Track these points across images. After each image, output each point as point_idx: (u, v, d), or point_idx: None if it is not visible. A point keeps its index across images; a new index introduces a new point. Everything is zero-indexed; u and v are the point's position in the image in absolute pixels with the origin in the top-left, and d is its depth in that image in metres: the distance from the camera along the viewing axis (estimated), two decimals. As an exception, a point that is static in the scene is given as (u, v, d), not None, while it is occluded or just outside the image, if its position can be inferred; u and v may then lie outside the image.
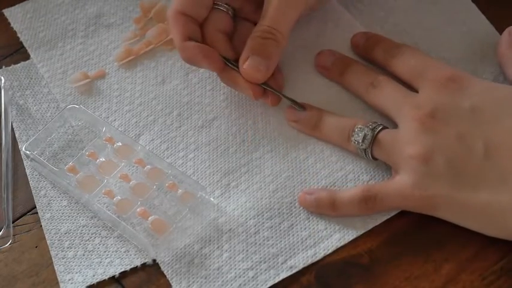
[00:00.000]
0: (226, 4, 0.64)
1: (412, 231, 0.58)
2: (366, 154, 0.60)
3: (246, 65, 0.61)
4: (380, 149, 0.59)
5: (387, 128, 0.59)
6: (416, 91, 0.60)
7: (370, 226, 0.58)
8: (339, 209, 0.58)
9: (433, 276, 0.56)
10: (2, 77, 0.68)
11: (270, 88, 0.62)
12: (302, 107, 0.63)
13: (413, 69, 0.61)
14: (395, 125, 0.60)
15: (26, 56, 0.71)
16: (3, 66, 0.70)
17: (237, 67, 0.62)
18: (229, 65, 0.62)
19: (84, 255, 0.59)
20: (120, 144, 0.62)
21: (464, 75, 0.59)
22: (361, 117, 0.62)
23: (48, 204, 0.61)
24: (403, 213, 0.59)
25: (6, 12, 0.73)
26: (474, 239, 0.57)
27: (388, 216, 0.59)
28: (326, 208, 0.58)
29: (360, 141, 0.59)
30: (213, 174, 0.62)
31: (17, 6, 0.73)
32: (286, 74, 0.66)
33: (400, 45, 0.64)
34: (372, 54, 0.65)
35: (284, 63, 0.66)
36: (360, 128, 0.59)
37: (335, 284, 0.56)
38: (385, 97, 0.61)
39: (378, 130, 0.59)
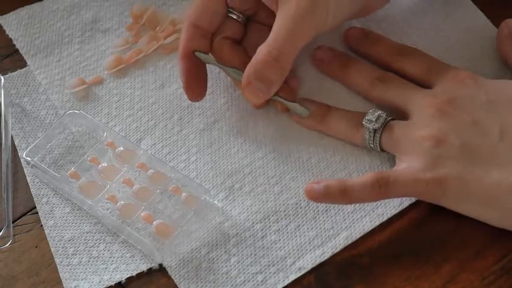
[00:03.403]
0: (239, 12, 0.63)
1: (412, 231, 0.58)
2: (374, 139, 0.59)
3: (247, 90, 0.59)
4: (390, 135, 0.59)
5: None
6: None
7: (377, 223, 0.58)
8: (351, 196, 0.56)
9: (433, 276, 0.56)
10: (2, 77, 0.67)
11: (276, 98, 0.62)
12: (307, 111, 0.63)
13: (427, 68, 0.61)
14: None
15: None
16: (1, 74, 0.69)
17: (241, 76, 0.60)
18: (233, 74, 0.62)
19: (89, 261, 0.58)
20: (122, 148, 0.62)
21: (480, 77, 0.60)
22: None
23: (51, 211, 0.61)
24: (403, 213, 0.59)
25: (1, 19, 0.72)
26: (474, 239, 0.57)
27: (395, 212, 0.59)
28: (336, 196, 0.57)
29: (374, 120, 0.59)
30: (216, 177, 0.62)
31: (11, 13, 0.73)
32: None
33: (407, 45, 0.64)
34: (372, 50, 0.65)
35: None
36: (374, 110, 0.60)
37: (335, 284, 0.56)
38: (396, 90, 0.61)
39: (390, 117, 0.59)
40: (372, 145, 0.60)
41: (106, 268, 0.58)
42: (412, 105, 0.59)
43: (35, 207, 0.61)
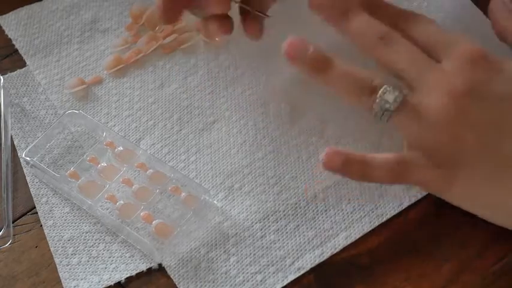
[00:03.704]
0: None
1: (412, 231, 0.58)
2: (383, 116, 0.53)
3: None
4: (404, 115, 0.53)
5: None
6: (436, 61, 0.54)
7: (376, 223, 0.58)
8: (369, 170, 0.53)
9: (434, 276, 0.56)
10: (2, 77, 0.67)
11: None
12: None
13: (438, 37, 0.55)
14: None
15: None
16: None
17: None
18: None
19: (88, 261, 0.58)
20: (121, 148, 0.62)
21: (496, 56, 0.54)
22: None
23: (50, 211, 0.61)
24: (402, 213, 0.59)
25: (0, 19, 0.72)
26: (474, 239, 0.57)
27: (395, 213, 0.59)
28: (355, 167, 0.53)
29: (391, 101, 0.52)
30: (216, 177, 0.62)
31: (10, 13, 0.73)
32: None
33: (412, 11, 0.57)
34: (375, 15, 0.56)
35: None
36: (392, 88, 0.52)
37: (335, 284, 0.56)
38: (401, 57, 0.54)
39: (405, 93, 0.53)
40: (379, 119, 0.54)
41: (105, 268, 0.58)
42: (419, 81, 0.53)
43: (35, 207, 0.61)
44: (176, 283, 0.57)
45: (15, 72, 0.69)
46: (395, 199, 0.59)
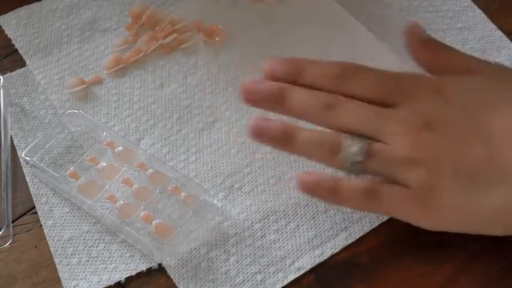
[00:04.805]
0: None
1: (412, 231, 0.58)
2: (354, 169, 0.53)
3: None
4: (375, 163, 0.53)
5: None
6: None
7: (377, 223, 0.58)
8: (339, 196, 0.54)
9: (434, 276, 0.56)
10: (1, 77, 0.67)
11: None
12: None
13: (383, 86, 0.54)
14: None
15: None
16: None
17: None
18: None
19: (88, 261, 0.58)
20: (121, 148, 0.62)
21: (444, 81, 0.54)
22: None
23: (50, 211, 0.61)
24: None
25: (0, 19, 0.72)
26: (475, 239, 0.56)
27: (395, 213, 0.59)
28: (326, 192, 0.54)
29: (357, 153, 0.53)
30: (216, 177, 0.62)
31: (10, 13, 0.73)
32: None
33: (348, 63, 0.55)
34: (303, 78, 0.55)
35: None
36: (352, 140, 0.53)
37: (335, 283, 0.56)
38: (350, 119, 0.53)
39: (369, 142, 0.53)
40: (352, 173, 0.54)
41: (105, 268, 0.58)
42: (377, 134, 0.53)
43: (35, 207, 0.61)
44: (176, 283, 0.57)
45: (15, 72, 0.69)
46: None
